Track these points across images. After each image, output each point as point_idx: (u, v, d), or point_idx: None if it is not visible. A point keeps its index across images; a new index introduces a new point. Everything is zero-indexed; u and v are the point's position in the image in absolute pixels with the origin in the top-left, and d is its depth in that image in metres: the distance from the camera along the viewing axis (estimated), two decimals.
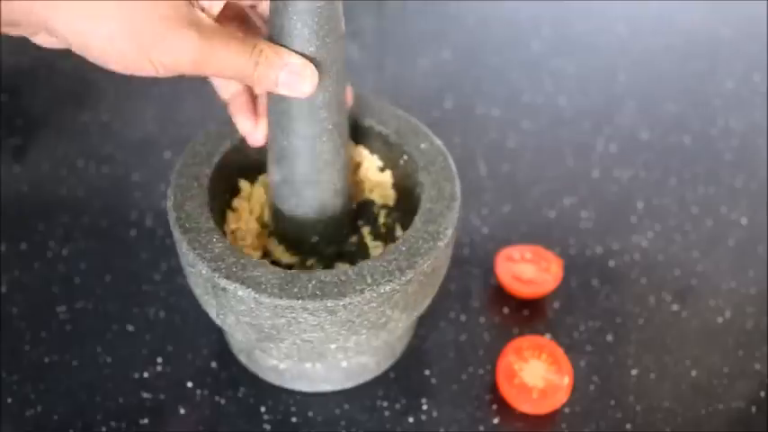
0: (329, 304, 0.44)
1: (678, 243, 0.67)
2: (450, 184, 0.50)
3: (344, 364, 0.55)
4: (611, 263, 0.66)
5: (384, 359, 0.57)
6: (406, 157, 0.53)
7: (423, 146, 0.52)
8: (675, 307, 0.63)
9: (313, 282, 0.44)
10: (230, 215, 0.54)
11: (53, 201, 0.68)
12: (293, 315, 0.44)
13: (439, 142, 0.52)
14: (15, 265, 0.63)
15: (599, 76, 0.83)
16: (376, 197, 0.56)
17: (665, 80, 0.83)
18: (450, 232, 0.48)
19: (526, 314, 0.62)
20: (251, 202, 0.55)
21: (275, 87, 0.43)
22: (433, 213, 0.48)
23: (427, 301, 0.50)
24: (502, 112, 0.78)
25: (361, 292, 0.44)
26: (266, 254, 0.54)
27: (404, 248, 0.46)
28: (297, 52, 0.43)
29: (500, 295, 0.63)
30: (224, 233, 0.53)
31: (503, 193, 0.71)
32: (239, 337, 0.49)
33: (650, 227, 0.69)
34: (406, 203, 0.53)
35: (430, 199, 0.49)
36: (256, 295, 0.44)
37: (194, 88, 0.67)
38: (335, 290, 0.44)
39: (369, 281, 0.44)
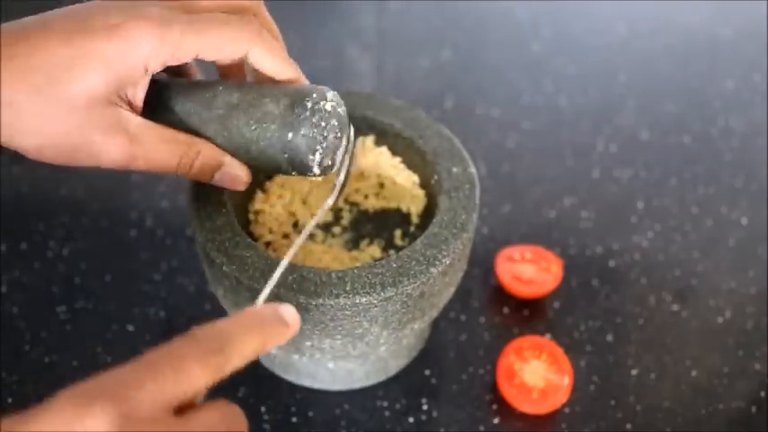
0: (302, 300, 0.44)
1: (678, 243, 0.67)
2: (466, 214, 0.48)
3: (331, 365, 0.54)
4: (611, 263, 0.66)
5: (374, 372, 0.57)
6: (436, 177, 0.52)
7: (455, 170, 0.51)
8: (675, 307, 0.63)
9: (294, 275, 0.44)
10: (258, 195, 0.55)
11: (53, 201, 0.68)
12: (268, 302, 0.44)
13: (473, 170, 0.51)
14: (15, 265, 0.63)
15: (599, 76, 0.83)
16: (413, 210, 0.56)
17: (665, 80, 0.83)
18: (447, 261, 0.46)
19: (526, 314, 0.62)
20: (283, 188, 0.55)
21: (210, 181, 0.44)
22: (437, 239, 0.47)
23: (415, 325, 0.49)
24: (502, 112, 0.78)
25: (336, 296, 0.44)
26: (285, 236, 0.54)
27: (395, 265, 0.45)
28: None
29: (500, 295, 0.63)
30: (246, 211, 0.54)
31: (503, 193, 0.71)
32: (227, 311, 0.50)
33: (650, 227, 0.69)
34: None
35: (440, 223, 0.48)
36: (238, 274, 0.44)
37: None
38: (312, 288, 0.44)
39: (347, 288, 0.44)
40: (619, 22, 0.89)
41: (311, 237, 0.55)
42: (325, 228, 0.55)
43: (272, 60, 0.43)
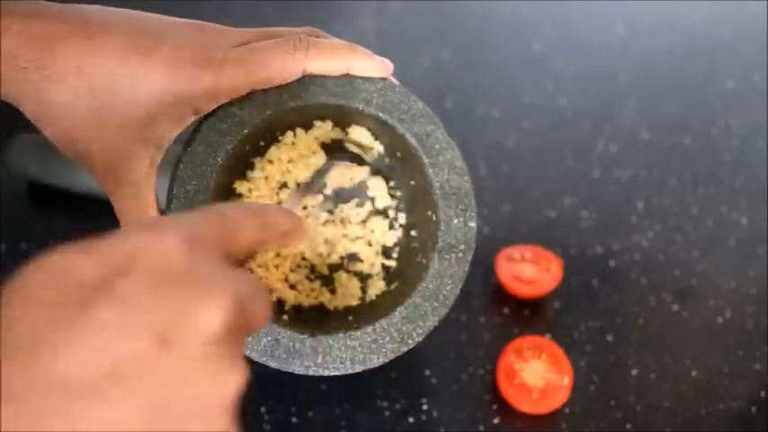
0: (273, 365, 0.45)
1: (678, 243, 0.67)
2: (452, 284, 0.47)
3: None
4: (611, 263, 0.66)
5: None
6: (433, 217, 0.48)
7: (455, 221, 0.48)
8: (675, 307, 0.63)
9: (269, 338, 0.45)
10: (249, 175, 0.50)
11: (53, 201, 0.68)
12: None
13: (474, 224, 0.48)
14: (15, 265, 0.63)
15: (599, 76, 0.83)
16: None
17: (665, 80, 0.83)
18: (420, 339, 0.46)
19: (526, 314, 0.62)
20: (271, 166, 0.51)
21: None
22: (417, 312, 0.46)
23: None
24: (502, 112, 0.78)
25: (306, 368, 0.45)
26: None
27: (369, 339, 0.45)
28: None
29: (500, 295, 0.63)
30: (233, 193, 0.50)
31: (503, 193, 0.71)
32: None
33: (650, 227, 0.69)
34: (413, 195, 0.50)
35: (423, 293, 0.46)
36: None
37: None
38: (284, 355, 0.45)
39: (319, 360, 0.45)
40: (619, 22, 0.89)
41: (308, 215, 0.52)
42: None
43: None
